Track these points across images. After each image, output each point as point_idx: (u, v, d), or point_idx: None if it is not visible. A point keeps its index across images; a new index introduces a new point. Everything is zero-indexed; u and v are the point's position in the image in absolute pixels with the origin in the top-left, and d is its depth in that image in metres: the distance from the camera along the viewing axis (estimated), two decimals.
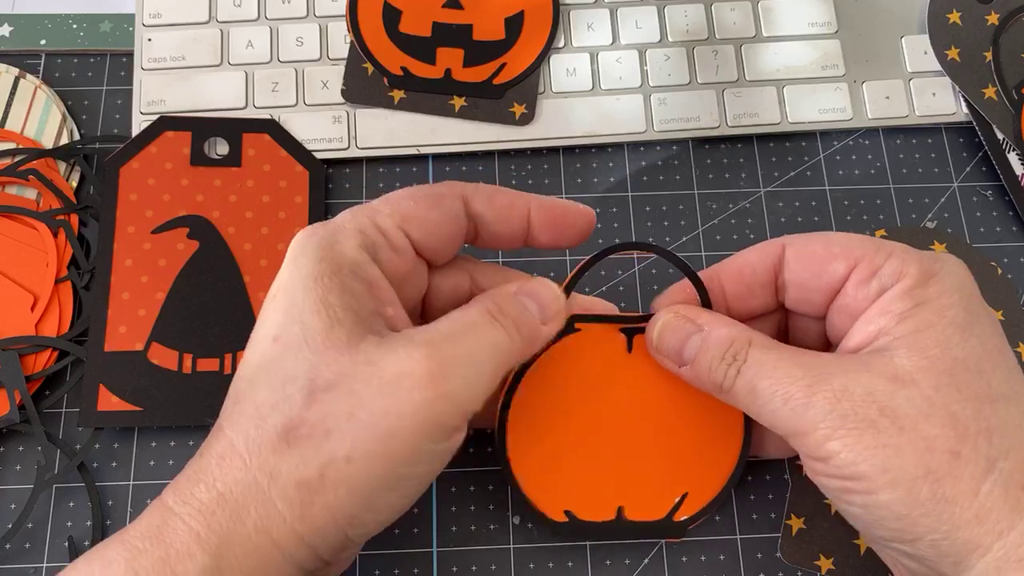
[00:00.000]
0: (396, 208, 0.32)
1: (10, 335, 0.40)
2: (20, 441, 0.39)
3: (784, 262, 0.33)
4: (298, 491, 0.27)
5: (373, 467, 0.28)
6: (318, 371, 0.28)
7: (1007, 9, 0.46)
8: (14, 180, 0.42)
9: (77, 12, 0.46)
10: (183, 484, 0.28)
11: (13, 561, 0.38)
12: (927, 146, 0.46)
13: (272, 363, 0.29)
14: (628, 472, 0.35)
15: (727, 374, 0.31)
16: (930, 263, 0.30)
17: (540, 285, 0.33)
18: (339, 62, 0.45)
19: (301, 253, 0.30)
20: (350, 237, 0.31)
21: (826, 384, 0.29)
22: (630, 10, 0.46)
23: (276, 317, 0.29)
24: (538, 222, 0.34)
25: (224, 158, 0.43)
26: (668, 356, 0.34)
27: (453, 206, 0.32)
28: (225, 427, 0.29)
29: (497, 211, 0.33)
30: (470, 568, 0.38)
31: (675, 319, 0.33)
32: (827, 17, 0.47)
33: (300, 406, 0.28)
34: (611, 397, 0.35)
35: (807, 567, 0.37)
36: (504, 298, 0.32)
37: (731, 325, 0.32)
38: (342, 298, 0.29)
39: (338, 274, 0.30)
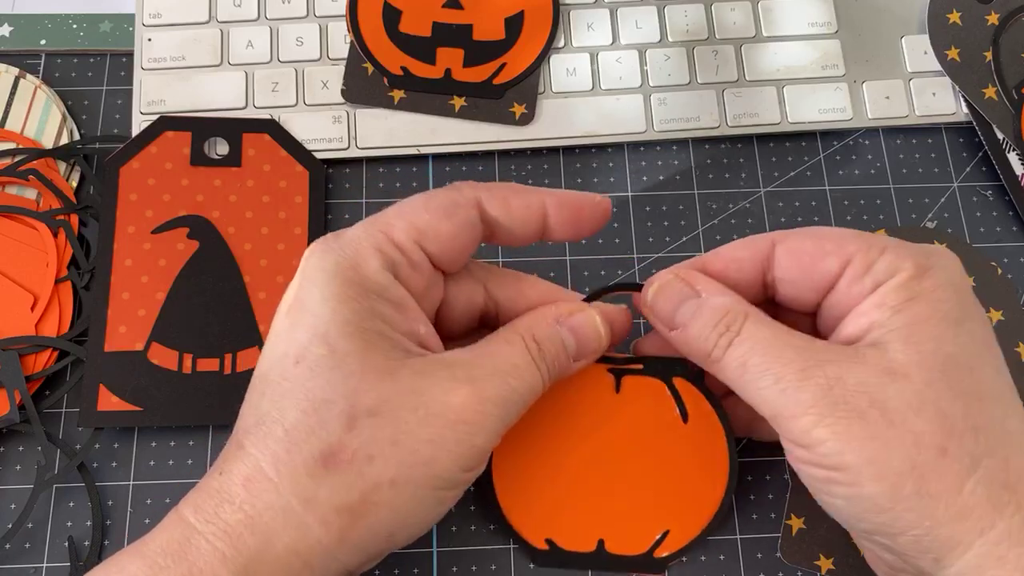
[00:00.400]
0: (411, 221, 0.31)
1: (10, 335, 0.40)
2: (20, 441, 0.39)
3: (774, 259, 0.33)
4: (339, 516, 0.27)
5: (416, 491, 0.28)
6: (358, 397, 0.28)
7: (1007, 9, 0.46)
8: (14, 180, 0.42)
9: (77, 12, 0.46)
10: (205, 502, 0.28)
11: (13, 561, 0.38)
12: (927, 146, 0.46)
13: (300, 385, 0.28)
14: (611, 506, 0.36)
15: (718, 343, 0.31)
16: (924, 258, 0.30)
17: (585, 319, 0.33)
18: (339, 62, 0.45)
19: (321, 271, 0.30)
20: (372, 257, 0.30)
21: (820, 370, 0.29)
22: (630, 10, 0.46)
23: (297, 337, 0.29)
24: (555, 219, 0.33)
25: (224, 158, 0.43)
26: (660, 318, 0.33)
27: (468, 215, 0.32)
28: (248, 447, 0.28)
29: (513, 214, 0.33)
30: (470, 568, 0.38)
31: (673, 280, 0.33)
32: (827, 17, 0.47)
33: (340, 431, 0.27)
34: (597, 433, 0.36)
35: (807, 567, 0.37)
36: (545, 332, 0.32)
37: (729, 295, 0.32)
38: (374, 323, 0.29)
39: (366, 297, 0.29)
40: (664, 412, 0.36)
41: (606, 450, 0.36)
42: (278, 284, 0.41)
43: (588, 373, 0.35)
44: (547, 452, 0.36)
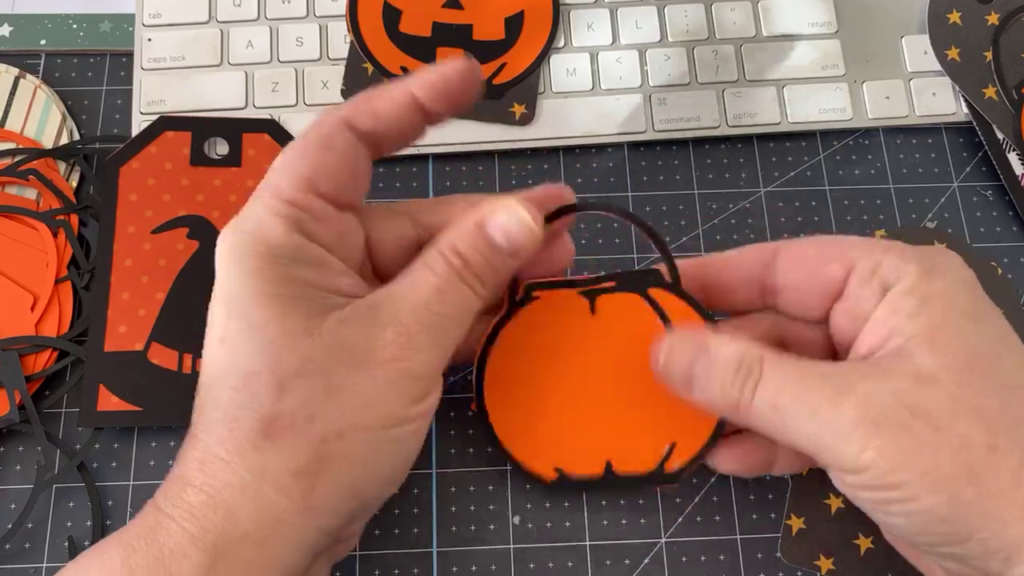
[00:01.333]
0: (296, 174, 0.30)
1: (10, 335, 0.40)
2: (20, 441, 0.39)
3: (776, 266, 0.33)
4: (296, 479, 0.27)
5: (367, 434, 0.28)
6: (280, 361, 0.28)
7: (1007, 9, 0.46)
8: (14, 180, 0.42)
9: (77, 12, 0.46)
10: (171, 488, 0.28)
11: (13, 561, 0.38)
12: (927, 146, 0.46)
13: (225, 365, 0.28)
14: (613, 426, 0.35)
15: (743, 393, 0.30)
16: (928, 259, 0.30)
17: (507, 214, 0.31)
18: (339, 62, 0.45)
19: (228, 251, 0.29)
20: (274, 224, 0.29)
21: (851, 392, 0.28)
22: (630, 10, 0.46)
23: (218, 319, 0.29)
24: (427, 100, 0.31)
25: (224, 158, 0.43)
26: (676, 380, 0.32)
27: (343, 139, 0.31)
28: (199, 434, 0.29)
29: (384, 117, 0.31)
30: (470, 568, 0.38)
31: (679, 343, 0.32)
32: (827, 17, 0.47)
33: (270, 399, 0.28)
34: (584, 359, 0.35)
35: (807, 567, 0.37)
36: (467, 242, 0.31)
37: (738, 342, 0.31)
38: (290, 288, 0.29)
39: (278, 264, 0.29)
40: (646, 324, 0.35)
41: (596, 372, 0.35)
42: None
43: (560, 300, 0.35)
44: (538, 385, 0.35)
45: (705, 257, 0.34)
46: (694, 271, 0.34)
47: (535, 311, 0.35)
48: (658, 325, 0.35)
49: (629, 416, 0.35)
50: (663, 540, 0.38)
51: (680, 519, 0.39)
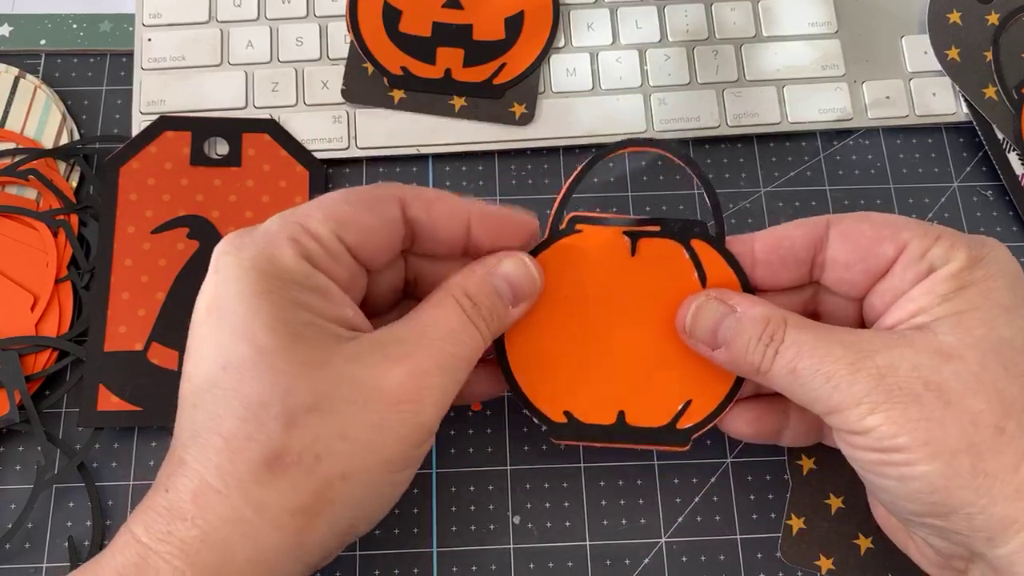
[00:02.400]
0: (329, 213, 0.30)
1: (10, 335, 0.40)
2: (20, 441, 0.39)
3: (827, 240, 0.33)
4: (293, 518, 0.27)
5: (369, 479, 0.28)
6: (292, 395, 0.27)
7: (1007, 9, 0.46)
8: (14, 180, 0.42)
9: (77, 12, 0.46)
10: (155, 521, 0.27)
11: (13, 561, 0.38)
12: (927, 146, 0.46)
13: (231, 391, 0.27)
14: (630, 377, 0.34)
15: (765, 355, 0.30)
16: (978, 247, 0.30)
17: (515, 264, 0.32)
18: (339, 62, 0.45)
19: (235, 267, 0.28)
20: (286, 247, 0.29)
21: (870, 360, 0.29)
22: (630, 10, 0.46)
23: (221, 340, 0.28)
24: (479, 231, 0.32)
25: (224, 158, 0.43)
26: (702, 339, 0.33)
27: (389, 211, 0.31)
28: (190, 462, 0.27)
29: (435, 219, 0.32)
30: (470, 568, 0.38)
31: (707, 301, 0.33)
32: (827, 17, 0.47)
33: (280, 433, 0.27)
34: (613, 301, 0.34)
35: (807, 567, 0.37)
36: (477, 286, 0.31)
37: (764, 305, 0.32)
38: (298, 313, 0.28)
39: (286, 288, 0.28)
40: (682, 276, 0.34)
41: (623, 317, 0.34)
42: None
43: (601, 237, 0.34)
44: (562, 321, 0.34)
45: (754, 234, 0.34)
46: (741, 248, 0.34)
47: (575, 243, 0.34)
48: (693, 279, 0.34)
49: (649, 368, 0.34)
50: (663, 540, 0.38)
51: (680, 519, 0.39)
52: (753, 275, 0.34)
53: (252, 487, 0.27)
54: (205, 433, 0.27)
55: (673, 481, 0.39)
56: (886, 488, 0.29)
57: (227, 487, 0.27)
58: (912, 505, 0.29)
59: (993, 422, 0.27)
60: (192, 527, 0.26)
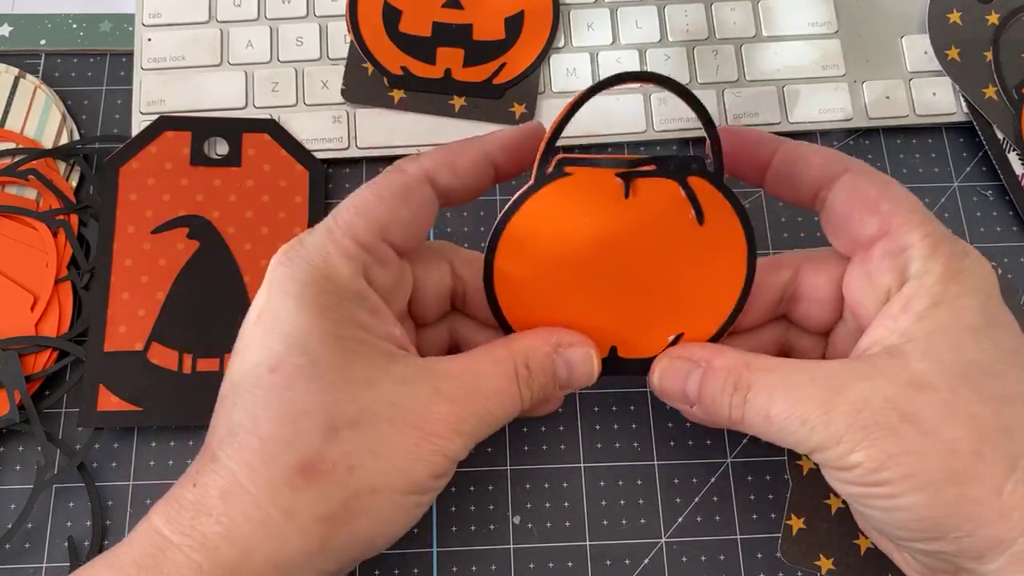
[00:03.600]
0: (371, 218, 0.30)
1: (10, 335, 0.40)
2: (20, 441, 0.39)
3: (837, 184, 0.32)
4: (319, 525, 0.27)
5: (395, 498, 0.28)
6: (338, 407, 0.28)
7: (1007, 9, 0.46)
8: (14, 180, 0.42)
9: (77, 12, 0.46)
10: (179, 514, 0.27)
11: (13, 561, 0.38)
12: (927, 146, 0.46)
13: (275, 395, 0.28)
14: (622, 312, 0.34)
15: (732, 404, 0.30)
16: (957, 260, 0.30)
17: (583, 355, 0.33)
18: (339, 62, 0.45)
19: (292, 281, 0.29)
20: (343, 264, 0.30)
21: (842, 397, 0.28)
22: (630, 10, 0.46)
23: (270, 345, 0.28)
24: (502, 163, 0.33)
25: (224, 158, 0.43)
26: (674, 399, 0.33)
27: (423, 195, 0.32)
28: (223, 459, 0.28)
29: (463, 176, 0.32)
30: (470, 568, 0.38)
31: (670, 362, 0.33)
32: (827, 17, 0.47)
33: (318, 442, 0.27)
34: (606, 240, 0.33)
35: (807, 567, 0.37)
36: (540, 361, 0.32)
37: (728, 353, 0.31)
38: (353, 331, 0.29)
39: (343, 306, 0.29)
40: (678, 214, 0.33)
41: (616, 256, 0.33)
42: None
43: (592, 179, 0.33)
44: (552, 260, 0.33)
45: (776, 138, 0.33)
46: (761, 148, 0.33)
47: (565, 187, 0.33)
48: (690, 218, 0.33)
49: (642, 303, 0.34)
50: (663, 540, 0.38)
51: (680, 519, 0.39)
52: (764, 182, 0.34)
53: (283, 491, 0.27)
54: (242, 432, 0.28)
55: (673, 481, 0.39)
56: (874, 517, 0.30)
57: (257, 488, 0.27)
58: (901, 532, 0.29)
59: (971, 448, 0.27)
60: (216, 523, 0.27)
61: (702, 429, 0.40)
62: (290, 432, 0.27)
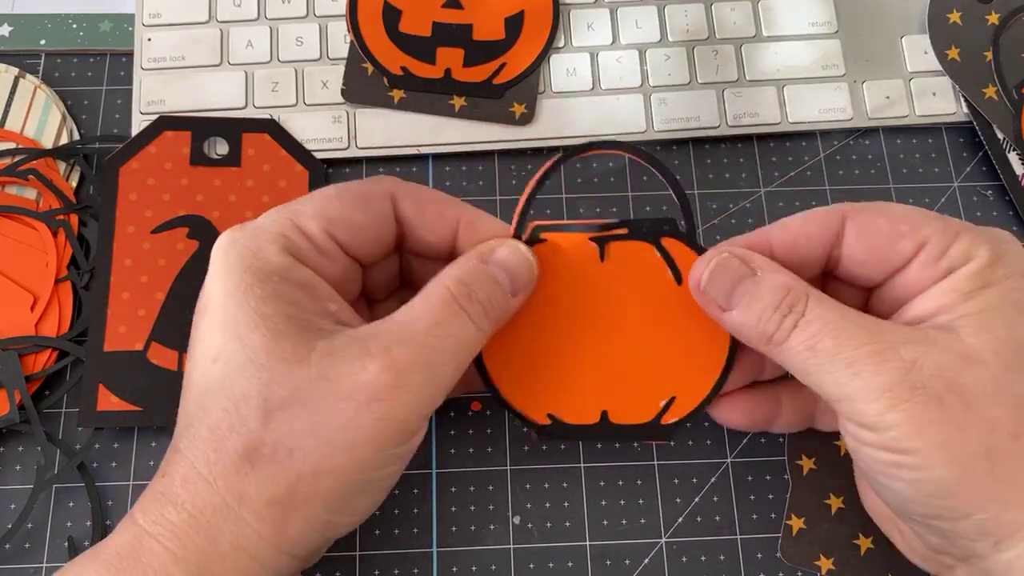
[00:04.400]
0: (320, 209, 0.31)
1: (10, 335, 0.40)
2: (20, 441, 0.39)
3: (843, 236, 0.31)
4: (270, 509, 0.27)
5: (341, 478, 0.28)
6: (270, 389, 0.28)
7: (1007, 9, 0.46)
8: (14, 180, 0.42)
9: (77, 12, 0.46)
10: (151, 504, 0.28)
11: (13, 561, 0.38)
12: (927, 146, 0.46)
13: (218, 384, 0.28)
14: (611, 377, 0.34)
15: (781, 326, 0.29)
16: (998, 244, 0.30)
17: (510, 250, 0.32)
18: (339, 62, 0.45)
19: (224, 263, 0.29)
20: (272, 241, 0.30)
21: (895, 352, 0.28)
22: (630, 10, 0.46)
23: (212, 335, 0.29)
24: (465, 239, 0.32)
25: (224, 158, 0.43)
26: (715, 298, 0.31)
27: (381, 207, 0.32)
28: (183, 449, 0.28)
29: (425, 219, 0.32)
30: (470, 568, 0.38)
31: (728, 258, 0.31)
32: (827, 17, 0.47)
33: (257, 426, 0.28)
34: (587, 306, 0.34)
35: (807, 567, 0.37)
36: (473, 274, 0.30)
37: (787, 273, 0.30)
38: (278, 307, 0.29)
39: (268, 281, 0.29)
40: (656, 276, 0.33)
41: (599, 321, 0.34)
42: None
43: (570, 244, 0.33)
44: (537, 328, 0.34)
45: (769, 230, 0.32)
46: (758, 248, 0.32)
47: (541, 253, 0.33)
48: (667, 278, 0.34)
49: (630, 367, 0.34)
50: (663, 540, 0.38)
51: (680, 519, 0.39)
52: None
53: (233, 477, 0.27)
54: (195, 423, 0.28)
55: (673, 481, 0.39)
56: (895, 490, 0.29)
57: (212, 475, 0.28)
58: (921, 508, 0.29)
59: (1010, 428, 0.27)
60: (181, 511, 0.27)
61: (703, 429, 0.40)
62: (233, 419, 0.28)
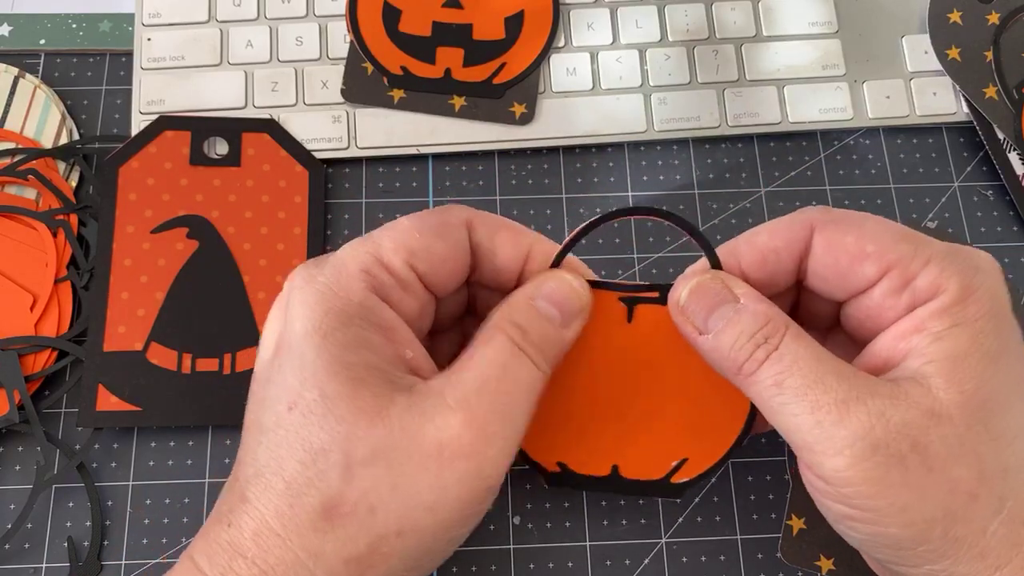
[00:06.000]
0: (401, 241, 0.29)
1: (10, 335, 0.40)
2: (20, 441, 0.39)
3: (811, 249, 0.31)
4: (347, 567, 0.27)
5: (425, 537, 0.27)
6: (351, 444, 0.27)
7: (1008, 8, 0.46)
8: (14, 180, 0.42)
9: (76, 12, 0.46)
10: (218, 554, 0.27)
11: (13, 561, 0.38)
12: (927, 146, 0.46)
13: (294, 434, 0.27)
14: (625, 433, 0.34)
15: (753, 355, 0.28)
16: (970, 276, 0.28)
17: (556, 283, 0.31)
18: (339, 62, 0.45)
19: (302, 304, 0.28)
20: (355, 279, 0.28)
21: (862, 404, 0.27)
22: (630, 10, 0.46)
23: (287, 381, 0.28)
24: (535, 267, 0.32)
25: (223, 158, 0.43)
26: (692, 319, 0.31)
27: (459, 236, 0.31)
28: (252, 499, 0.27)
29: (498, 247, 0.31)
30: (470, 568, 0.38)
31: (711, 280, 0.30)
32: (827, 17, 0.47)
33: (338, 482, 0.27)
34: (610, 361, 0.34)
35: (807, 567, 0.37)
36: (523, 313, 0.30)
37: (769, 304, 0.30)
38: (359, 354, 0.28)
39: (349, 325, 0.28)
40: (680, 340, 0.33)
41: (620, 378, 0.34)
42: (277, 284, 0.41)
43: (599, 301, 0.33)
44: (557, 378, 0.33)
45: (736, 246, 0.32)
46: (727, 266, 0.32)
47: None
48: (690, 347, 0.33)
49: (645, 425, 0.34)
50: (663, 540, 0.38)
51: (680, 519, 0.39)
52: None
53: (309, 534, 0.27)
54: (267, 473, 0.27)
55: None
56: (852, 538, 0.29)
57: (286, 531, 0.27)
58: (877, 553, 0.29)
59: (969, 489, 0.27)
60: (252, 565, 0.27)
61: None
62: (312, 473, 0.27)
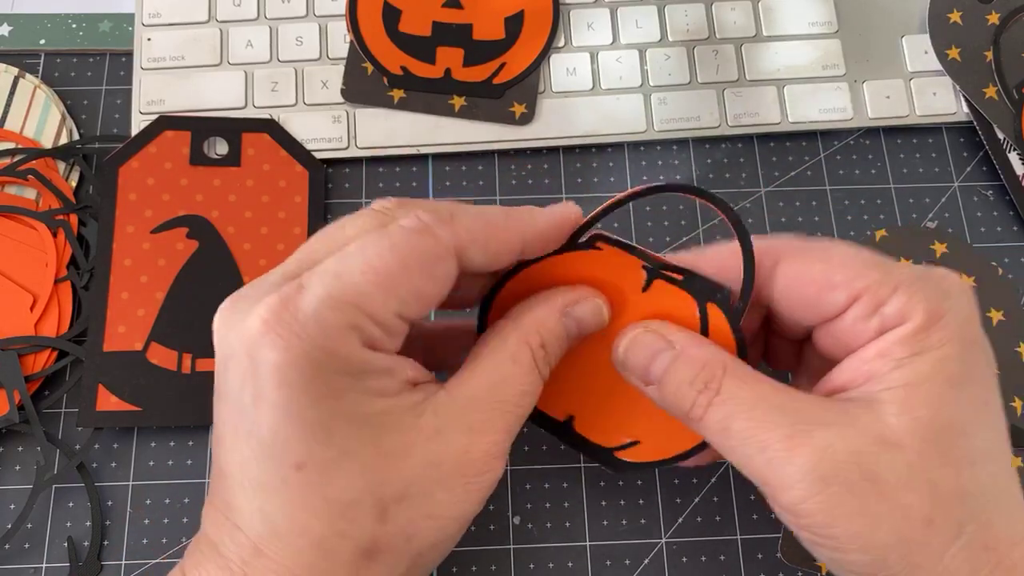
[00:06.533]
0: (391, 291, 0.27)
1: (10, 335, 0.40)
2: (20, 441, 0.39)
3: (774, 279, 0.30)
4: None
5: (452, 540, 0.29)
6: (383, 489, 0.27)
7: (1008, 8, 0.46)
8: (13, 180, 0.42)
9: (76, 12, 0.46)
10: None
11: (13, 561, 0.38)
12: (927, 146, 0.46)
13: (310, 492, 0.26)
14: (592, 392, 0.33)
15: (696, 402, 0.29)
16: (938, 302, 0.28)
17: (592, 311, 0.31)
18: (339, 62, 0.45)
19: (290, 367, 0.26)
20: (348, 338, 0.27)
21: (808, 438, 0.27)
22: (630, 10, 0.46)
23: (286, 442, 0.26)
24: (529, 250, 0.31)
25: (223, 158, 0.43)
26: (634, 373, 0.31)
27: (448, 270, 0.29)
28: (273, 555, 0.26)
29: (491, 256, 0.30)
30: (470, 568, 0.38)
31: (644, 334, 0.31)
32: (827, 17, 0.47)
33: (374, 526, 0.27)
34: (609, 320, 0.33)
35: (807, 567, 0.37)
36: (552, 331, 0.30)
37: (705, 346, 0.30)
38: (374, 404, 0.27)
39: (359, 379, 0.27)
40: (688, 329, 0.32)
41: (610, 340, 0.32)
42: None
43: (620, 261, 0.32)
44: None
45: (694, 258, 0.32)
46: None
47: (588, 259, 0.32)
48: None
49: (613, 393, 0.33)
50: (663, 540, 0.38)
51: (680, 519, 0.39)
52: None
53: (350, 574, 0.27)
54: (286, 534, 0.26)
55: (673, 481, 0.39)
56: (819, 555, 0.29)
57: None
58: (843, 573, 0.29)
59: (923, 515, 0.27)
60: None
61: None
62: (342, 525, 0.26)
